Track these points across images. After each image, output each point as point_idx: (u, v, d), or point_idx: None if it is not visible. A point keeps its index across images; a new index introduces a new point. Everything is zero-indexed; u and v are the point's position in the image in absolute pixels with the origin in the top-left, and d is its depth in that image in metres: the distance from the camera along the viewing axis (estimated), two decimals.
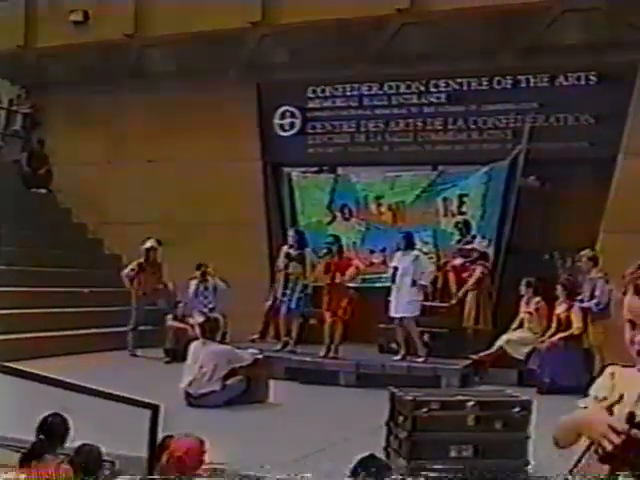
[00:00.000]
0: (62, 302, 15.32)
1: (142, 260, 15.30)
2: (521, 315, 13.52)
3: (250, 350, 11.75)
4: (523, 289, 13.53)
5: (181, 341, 14.03)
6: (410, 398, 7.42)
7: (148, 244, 15.36)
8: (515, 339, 13.28)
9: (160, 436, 5.53)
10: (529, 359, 13.08)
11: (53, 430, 5.60)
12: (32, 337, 13.69)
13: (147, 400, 4.92)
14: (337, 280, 13.56)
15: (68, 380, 4.78)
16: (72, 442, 5.60)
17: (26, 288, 14.85)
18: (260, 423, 9.59)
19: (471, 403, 7.45)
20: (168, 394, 9.72)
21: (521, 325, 13.53)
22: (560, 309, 13.06)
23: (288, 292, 14.22)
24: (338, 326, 13.45)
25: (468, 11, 14.75)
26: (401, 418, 7.49)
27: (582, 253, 13.14)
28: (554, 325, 13.16)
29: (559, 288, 13.20)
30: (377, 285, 14.79)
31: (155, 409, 4.77)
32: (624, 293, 2.46)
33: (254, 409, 10.51)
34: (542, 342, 12.97)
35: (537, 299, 13.33)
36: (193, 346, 11.19)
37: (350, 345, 13.77)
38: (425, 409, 7.32)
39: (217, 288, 15.21)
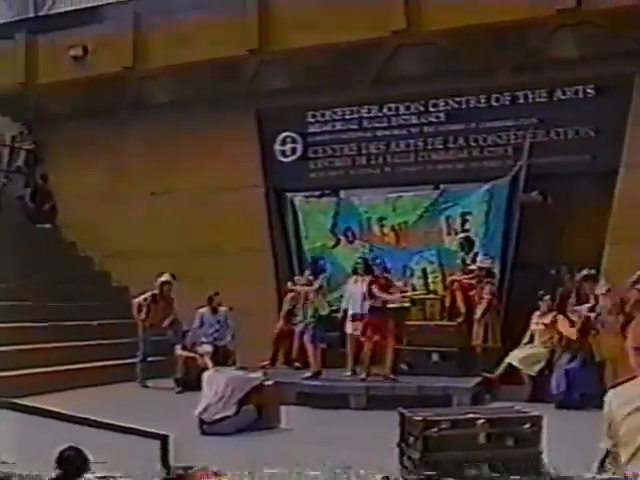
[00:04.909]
0: (71, 336, 15.30)
1: (157, 292, 15.32)
2: (532, 328, 13.54)
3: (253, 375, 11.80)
4: (540, 302, 13.55)
5: (191, 370, 14.06)
6: (420, 418, 7.41)
7: (163, 278, 15.35)
8: (526, 355, 13.28)
9: (172, 466, 5.52)
10: (542, 374, 13.07)
11: (70, 464, 5.59)
12: (40, 372, 13.66)
13: (157, 431, 4.93)
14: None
15: (76, 414, 4.79)
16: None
17: (35, 323, 14.89)
18: (273, 449, 9.56)
19: (481, 421, 7.43)
20: (181, 424, 9.71)
21: (531, 340, 13.54)
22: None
23: (311, 319, 14.21)
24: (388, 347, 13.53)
25: (463, 30, 14.82)
26: (412, 439, 7.47)
27: (580, 274, 13.17)
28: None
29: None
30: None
31: (164, 439, 4.77)
32: (627, 319, 2.43)
33: (266, 435, 10.49)
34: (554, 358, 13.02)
35: (554, 313, 13.35)
36: (207, 375, 11.25)
37: (358, 367, 13.78)
38: (435, 429, 7.31)
39: (227, 317, 15.19)
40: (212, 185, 17.25)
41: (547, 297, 13.53)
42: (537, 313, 13.59)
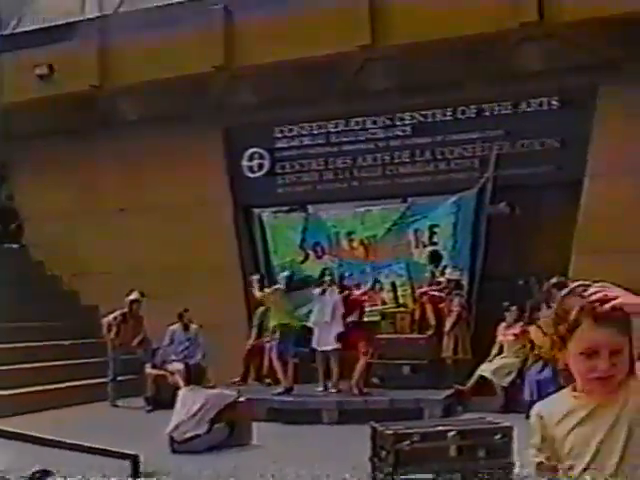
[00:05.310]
0: (40, 356, 15.20)
1: (126, 311, 15.24)
2: (499, 339, 13.59)
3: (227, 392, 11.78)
4: (506, 313, 13.61)
5: (162, 389, 14.01)
6: (391, 432, 7.42)
7: (132, 296, 15.27)
8: (498, 367, 13.33)
9: None
10: (514, 385, 13.13)
11: None
12: (10, 394, 13.54)
13: (127, 451, 4.91)
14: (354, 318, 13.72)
15: (46, 436, 4.77)
16: None
17: (3, 344, 14.74)
18: (245, 466, 9.53)
19: (452, 433, 7.46)
20: (152, 443, 9.68)
21: (500, 351, 13.59)
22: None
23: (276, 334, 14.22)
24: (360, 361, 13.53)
25: (428, 44, 14.89)
26: (384, 453, 7.48)
27: (549, 282, 13.25)
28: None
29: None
30: None
31: (135, 459, 4.75)
32: (569, 328, 2.52)
33: (238, 452, 10.46)
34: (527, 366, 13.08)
35: (521, 323, 13.41)
36: (182, 393, 11.21)
37: (330, 382, 13.80)
38: (407, 442, 7.33)
39: (198, 335, 15.14)
40: (180, 202, 17.22)
41: (513, 308, 13.59)
42: (503, 324, 13.66)
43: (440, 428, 7.70)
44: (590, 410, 2.51)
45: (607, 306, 2.42)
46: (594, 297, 2.44)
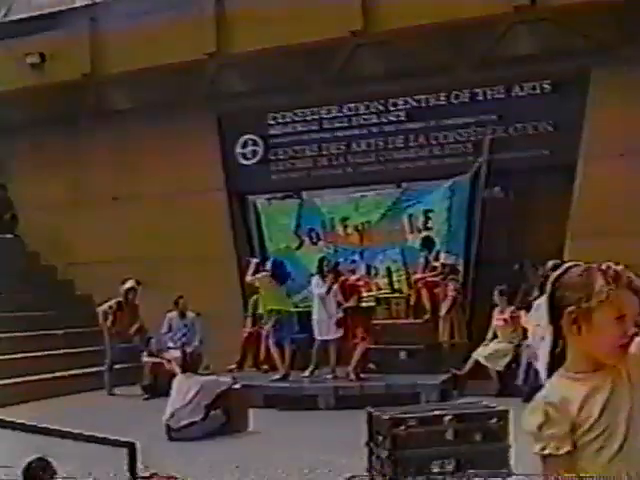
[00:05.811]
0: (36, 346, 15.18)
1: (122, 299, 15.24)
2: (494, 324, 13.61)
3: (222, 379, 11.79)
4: (497, 298, 13.61)
5: (159, 376, 14.02)
6: (387, 417, 7.43)
7: (128, 284, 15.26)
8: (492, 352, 13.35)
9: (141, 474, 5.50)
10: (509, 369, 13.16)
11: (37, 475, 5.55)
12: (6, 384, 13.55)
13: (123, 439, 4.90)
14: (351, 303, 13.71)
15: (42, 425, 4.76)
16: None
17: None
18: (240, 453, 9.56)
19: (448, 417, 7.48)
20: (149, 431, 9.70)
21: (495, 336, 13.61)
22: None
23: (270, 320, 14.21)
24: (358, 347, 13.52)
25: (421, 28, 14.86)
26: (380, 438, 7.50)
27: (547, 266, 13.22)
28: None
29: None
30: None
31: (132, 447, 4.75)
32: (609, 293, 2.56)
33: (234, 439, 10.48)
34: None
35: (512, 308, 13.42)
36: (177, 380, 11.22)
37: (326, 368, 13.81)
38: (403, 427, 7.34)
39: (195, 322, 15.16)
40: (174, 190, 17.19)
41: (495, 292, 13.59)
42: (497, 309, 13.67)
43: (436, 412, 7.72)
44: (610, 388, 2.57)
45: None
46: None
